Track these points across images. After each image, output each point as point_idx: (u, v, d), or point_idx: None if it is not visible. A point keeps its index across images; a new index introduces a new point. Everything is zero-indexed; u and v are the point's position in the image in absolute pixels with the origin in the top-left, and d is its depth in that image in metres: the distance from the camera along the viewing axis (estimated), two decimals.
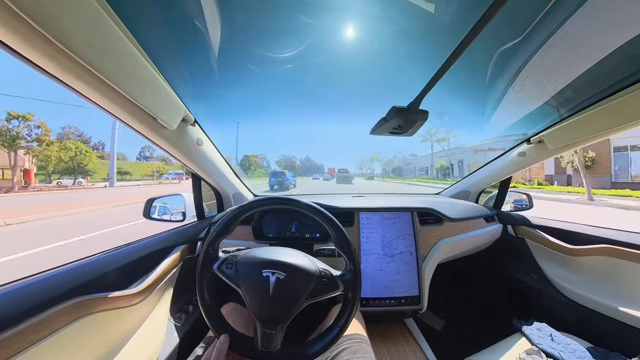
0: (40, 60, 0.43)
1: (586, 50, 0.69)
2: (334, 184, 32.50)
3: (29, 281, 0.58)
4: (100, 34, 0.46)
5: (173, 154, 0.89)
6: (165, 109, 0.70)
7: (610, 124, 0.81)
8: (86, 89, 0.51)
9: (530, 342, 0.87)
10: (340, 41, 0.86)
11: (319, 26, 0.80)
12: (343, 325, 0.61)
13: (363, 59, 0.95)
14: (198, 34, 0.69)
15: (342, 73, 1.03)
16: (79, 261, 0.72)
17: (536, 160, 1.17)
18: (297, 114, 1.49)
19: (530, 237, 1.29)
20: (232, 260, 0.62)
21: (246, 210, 0.68)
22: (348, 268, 0.64)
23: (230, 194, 1.34)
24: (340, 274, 0.63)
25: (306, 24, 0.79)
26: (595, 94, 0.80)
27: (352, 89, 1.19)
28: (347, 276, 0.63)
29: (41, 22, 0.37)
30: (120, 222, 7.27)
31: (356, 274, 0.63)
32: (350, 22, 0.79)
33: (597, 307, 0.94)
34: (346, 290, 0.62)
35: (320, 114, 1.38)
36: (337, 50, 0.91)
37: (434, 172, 42.00)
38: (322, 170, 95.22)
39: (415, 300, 1.06)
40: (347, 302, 0.63)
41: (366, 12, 0.75)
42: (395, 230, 1.13)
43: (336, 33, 0.83)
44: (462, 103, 1.11)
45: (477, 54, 0.82)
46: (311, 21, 0.78)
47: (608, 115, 0.80)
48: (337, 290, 0.61)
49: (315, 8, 0.73)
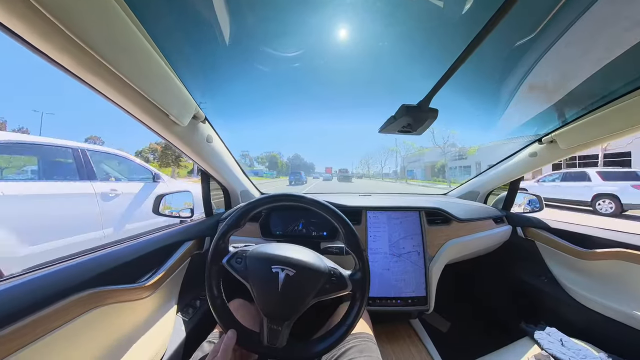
0: (56, 55, 0.44)
1: (600, 47, 0.67)
2: (336, 182, 36.50)
3: (44, 272, 0.59)
4: (116, 30, 0.46)
5: (183, 150, 0.90)
6: (177, 105, 0.71)
7: (626, 124, 0.78)
8: (100, 84, 0.52)
9: (539, 347, 0.85)
10: (346, 40, 0.86)
11: (325, 25, 0.80)
12: (350, 324, 0.61)
13: (368, 57, 0.95)
14: (209, 31, 0.69)
15: (344, 72, 1.03)
16: (91, 254, 0.73)
17: (548, 161, 1.15)
18: (294, 112, 1.48)
19: (541, 240, 1.26)
20: (241, 254, 0.62)
21: (258, 206, 0.68)
22: (357, 267, 0.64)
23: (238, 191, 1.35)
24: (350, 273, 0.63)
25: (313, 23, 0.79)
26: (610, 93, 0.78)
27: (351, 88, 1.18)
28: (357, 276, 0.62)
29: (59, 16, 0.37)
30: None
31: (365, 273, 0.62)
32: (356, 19, 0.79)
33: (609, 313, 0.91)
34: (354, 289, 0.62)
35: (317, 112, 1.36)
36: (341, 49, 0.90)
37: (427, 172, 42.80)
38: (313, 169, 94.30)
39: (422, 301, 1.05)
40: (355, 302, 0.62)
41: (373, 8, 0.74)
42: (403, 230, 1.13)
43: (342, 31, 0.83)
44: (471, 102, 1.10)
45: (488, 51, 0.80)
46: (318, 20, 0.78)
47: (623, 114, 0.78)
48: (345, 290, 0.61)
49: (322, 6, 0.73)
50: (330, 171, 61.90)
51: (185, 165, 43.22)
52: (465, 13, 0.66)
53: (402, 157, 66.55)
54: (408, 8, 0.74)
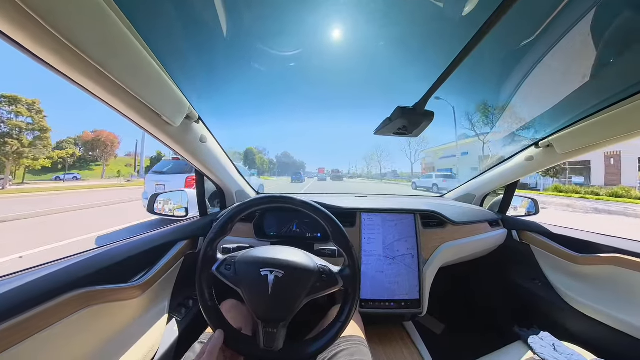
0: (46, 56, 0.43)
1: (600, 52, 0.66)
2: (330, 182, 39.51)
3: (35, 271, 0.59)
4: (105, 30, 0.46)
5: (177, 150, 0.89)
6: (169, 105, 0.70)
7: (625, 129, 0.77)
8: (91, 85, 0.51)
9: (531, 351, 0.85)
10: (343, 39, 0.85)
11: (321, 24, 0.79)
12: (344, 321, 0.61)
13: (364, 58, 0.94)
14: (202, 31, 0.69)
15: (340, 72, 1.02)
16: (83, 253, 0.73)
17: (544, 165, 1.14)
18: (287, 112, 1.47)
19: (536, 244, 1.26)
20: (230, 261, 0.62)
21: (245, 210, 0.68)
22: (347, 263, 0.64)
23: (233, 191, 1.35)
24: (340, 269, 0.63)
25: (310, 22, 0.78)
26: (609, 98, 0.77)
27: (346, 89, 1.18)
28: (346, 271, 0.62)
29: (46, 18, 0.37)
30: None
31: (355, 269, 0.62)
32: (353, 19, 0.78)
33: (602, 318, 0.91)
34: (346, 285, 0.62)
35: (312, 113, 1.35)
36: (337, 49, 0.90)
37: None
38: (304, 168, 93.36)
39: (415, 304, 1.05)
40: (348, 298, 0.62)
41: (371, 8, 0.73)
42: (397, 232, 1.12)
43: (339, 31, 0.82)
44: (468, 104, 1.10)
45: (485, 54, 0.80)
46: (314, 19, 0.77)
47: (623, 120, 0.77)
48: (336, 286, 0.61)
49: (319, 5, 0.72)
50: (323, 171, 65.29)
51: (35, 157, 26.14)
52: (464, 14, 0.65)
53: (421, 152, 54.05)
54: (406, 8, 0.73)
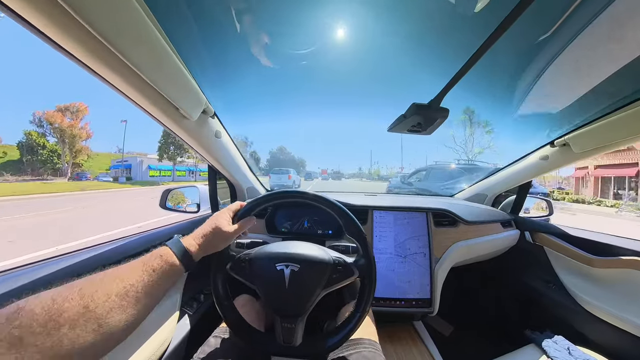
0: (70, 45, 0.44)
1: (618, 48, 0.65)
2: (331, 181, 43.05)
3: (53, 261, 0.60)
4: (130, 22, 0.47)
5: (192, 145, 0.90)
6: (188, 99, 0.71)
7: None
8: (112, 76, 0.52)
9: (545, 355, 0.83)
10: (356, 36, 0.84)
11: (332, 22, 0.79)
12: (362, 311, 0.61)
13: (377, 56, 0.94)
14: (220, 26, 0.70)
15: (352, 71, 1.02)
16: (97, 246, 0.74)
17: (560, 165, 1.12)
18: (297, 109, 1.47)
19: (550, 245, 1.24)
20: (244, 259, 0.62)
21: (256, 206, 0.67)
22: (361, 253, 0.64)
23: (245, 187, 1.36)
24: (354, 260, 0.62)
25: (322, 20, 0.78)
26: (628, 95, 0.75)
27: (352, 88, 1.18)
28: (361, 261, 0.62)
29: (74, 7, 0.38)
30: None
31: (370, 258, 0.62)
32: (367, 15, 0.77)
33: (620, 324, 0.89)
34: (362, 275, 0.62)
35: (322, 111, 1.35)
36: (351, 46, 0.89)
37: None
38: (304, 166, 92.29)
39: (426, 303, 1.04)
40: (364, 288, 0.62)
41: (385, 5, 0.73)
42: (409, 230, 1.11)
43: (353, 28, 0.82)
44: (482, 102, 1.08)
45: (500, 51, 0.79)
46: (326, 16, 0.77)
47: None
48: (352, 277, 0.60)
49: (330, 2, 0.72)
50: (326, 172, 70.66)
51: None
52: (478, 10, 0.65)
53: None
54: (420, 4, 0.73)
